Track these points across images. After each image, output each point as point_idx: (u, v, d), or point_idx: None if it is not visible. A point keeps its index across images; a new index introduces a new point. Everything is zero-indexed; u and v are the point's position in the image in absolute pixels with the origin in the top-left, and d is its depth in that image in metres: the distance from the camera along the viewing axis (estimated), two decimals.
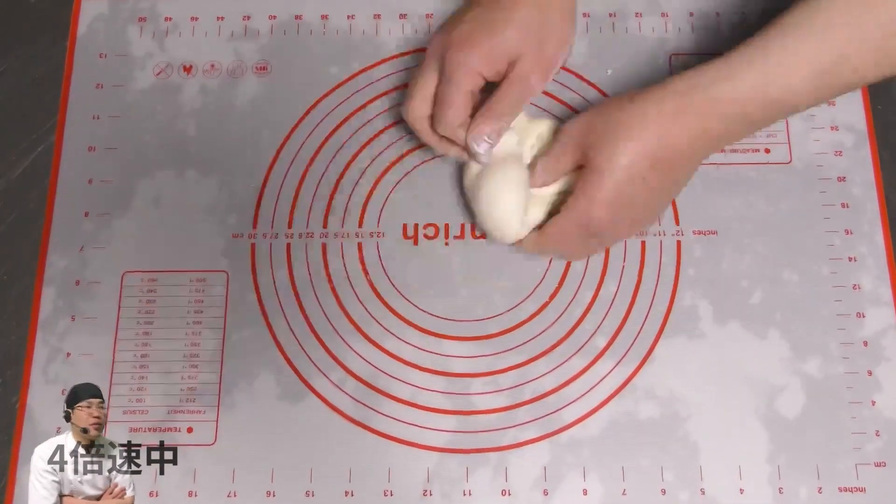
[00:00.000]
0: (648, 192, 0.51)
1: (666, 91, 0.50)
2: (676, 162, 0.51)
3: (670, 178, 0.52)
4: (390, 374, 0.57)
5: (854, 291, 0.58)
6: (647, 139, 0.49)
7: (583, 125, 0.53)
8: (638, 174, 0.50)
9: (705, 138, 0.50)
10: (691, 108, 0.49)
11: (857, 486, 0.54)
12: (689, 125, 0.49)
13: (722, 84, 0.49)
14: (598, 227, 0.51)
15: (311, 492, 0.54)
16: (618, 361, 0.57)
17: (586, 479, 0.55)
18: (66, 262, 0.59)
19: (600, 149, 0.50)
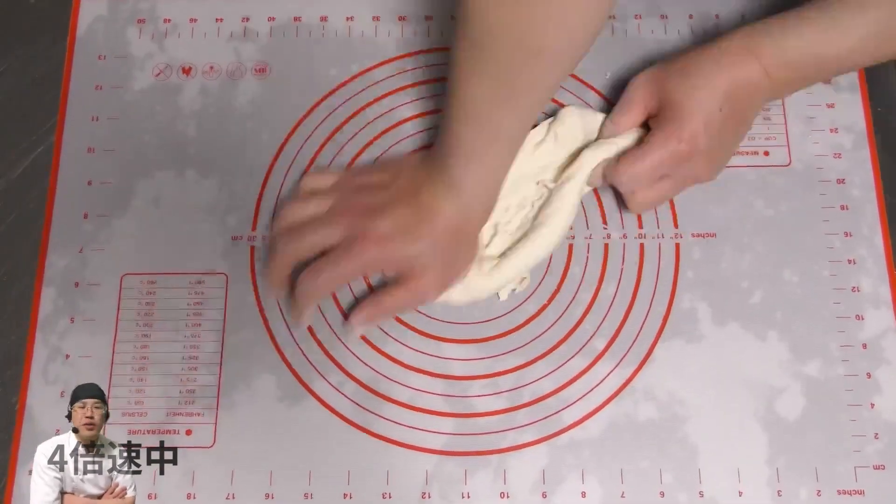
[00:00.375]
0: (723, 125, 0.54)
1: (734, 39, 0.55)
2: (743, 100, 0.55)
3: (740, 114, 0.56)
4: (389, 376, 0.57)
5: (853, 293, 0.58)
6: (720, 77, 0.54)
7: (655, 74, 0.57)
8: (716, 106, 0.54)
9: (767, 83, 0.55)
10: (758, 55, 0.54)
11: (856, 488, 0.54)
12: (756, 69, 0.54)
13: (788, 37, 0.54)
14: (687, 152, 0.54)
15: (310, 494, 0.54)
16: (617, 363, 0.57)
17: (585, 481, 0.55)
18: (65, 263, 0.59)
19: (678, 92, 0.55)
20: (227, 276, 0.59)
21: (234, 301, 0.58)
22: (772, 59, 0.54)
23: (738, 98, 0.55)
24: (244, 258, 0.59)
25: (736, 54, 0.55)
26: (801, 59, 0.55)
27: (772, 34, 0.55)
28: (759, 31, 0.55)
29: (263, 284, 0.59)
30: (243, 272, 0.59)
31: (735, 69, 0.54)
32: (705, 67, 0.55)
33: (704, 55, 0.56)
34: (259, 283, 0.59)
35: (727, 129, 0.55)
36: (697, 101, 0.54)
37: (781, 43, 0.55)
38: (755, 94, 0.55)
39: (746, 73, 0.55)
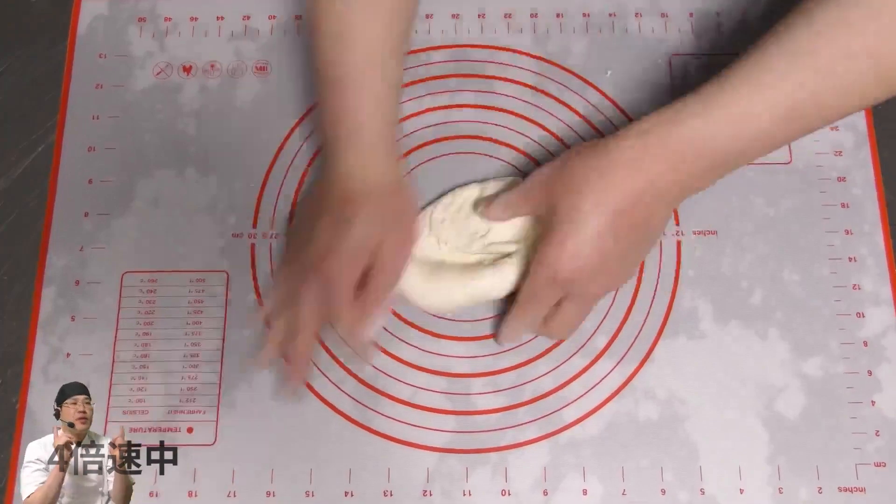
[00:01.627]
0: (614, 242, 0.49)
1: (630, 133, 0.49)
2: (641, 210, 0.49)
3: (636, 229, 0.50)
4: (390, 374, 0.57)
5: (854, 291, 0.58)
6: (609, 188, 0.49)
7: (546, 178, 0.52)
8: (602, 223, 0.49)
9: (672, 180, 0.49)
10: (657, 147, 0.48)
11: (857, 486, 0.54)
12: (654, 167, 0.48)
13: (691, 121, 0.48)
14: (565, 277, 0.50)
15: (311, 492, 0.54)
16: (618, 361, 0.57)
17: (586, 479, 0.55)
18: (65, 262, 0.59)
19: (563, 205, 0.50)
20: (227, 274, 0.59)
21: (235, 299, 0.58)
22: (676, 154, 0.48)
23: (634, 211, 0.49)
24: (244, 256, 0.59)
25: (632, 157, 0.49)
26: (710, 148, 0.48)
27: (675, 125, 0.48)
28: (660, 123, 0.49)
29: (263, 282, 0.59)
30: (244, 270, 0.59)
31: (630, 176, 0.48)
32: (598, 178, 0.49)
33: (599, 161, 0.49)
34: (259, 279, 0.59)
35: (621, 247, 0.50)
36: (583, 220, 0.49)
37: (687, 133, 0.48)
38: (655, 202, 0.49)
39: (645, 179, 0.48)
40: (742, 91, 0.47)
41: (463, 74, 0.64)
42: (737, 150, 0.48)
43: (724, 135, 0.47)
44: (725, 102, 0.47)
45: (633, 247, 0.52)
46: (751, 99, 0.47)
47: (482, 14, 0.66)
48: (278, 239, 0.60)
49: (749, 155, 0.49)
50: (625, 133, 0.50)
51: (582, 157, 0.50)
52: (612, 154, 0.49)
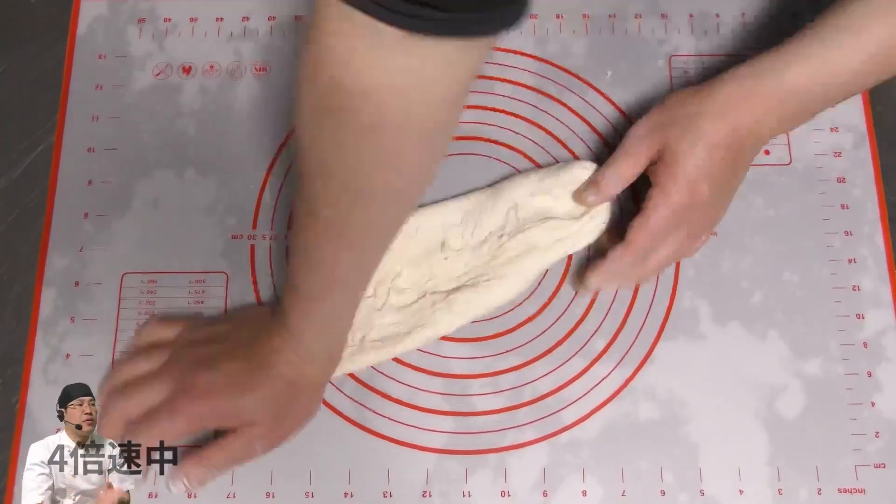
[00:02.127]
0: (724, 174, 0.54)
1: (735, 77, 0.54)
2: (745, 145, 0.54)
3: (739, 162, 0.55)
4: (389, 375, 0.57)
5: (854, 292, 0.58)
6: (721, 122, 0.53)
7: (655, 122, 0.55)
8: (715, 159, 0.53)
9: (769, 121, 0.54)
10: (761, 93, 0.53)
11: (856, 487, 0.54)
12: (758, 108, 0.53)
13: (791, 69, 0.52)
14: (685, 210, 0.53)
15: (311, 493, 0.54)
16: (617, 363, 0.57)
17: (586, 481, 0.55)
18: (65, 263, 0.59)
19: (676, 141, 0.53)
20: (226, 275, 0.59)
21: (235, 300, 0.58)
22: (776, 98, 0.53)
23: (739, 147, 0.54)
24: (244, 257, 0.59)
25: (738, 100, 0.53)
26: (806, 91, 0.53)
27: (774, 71, 0.53)
28: (761, 71, 0.53)
29: (263, 284, 0.58)
30: (243, 271, 0.59)
31: (737, 118, 0.53)
32: (707, 117, 0.53)
33: (705, 102, 0.54)
34: (259, 281, 0.59)
35: (726, 178, 0.54)
36: (697, 156, 0.53)
37: (784, 79, 0.53)
38: (757, 140, 0.55)
39: (749, 121, 0.53)
40: (832, 41, 0.52)
41: None
42: (831, 94, 0.54)
43: (820, 80, 0.53)
44: (819, 52, 0.52)
45: (732, 181, 0.56)
46: (841, 48, 0.52)
47: None
48: (278, 240, 0.60)
49: (836, 98, 0.55)
50: (728, 77, 0.54)
51: (685, 103, 0.54)
52: (716, 96, 0.54)
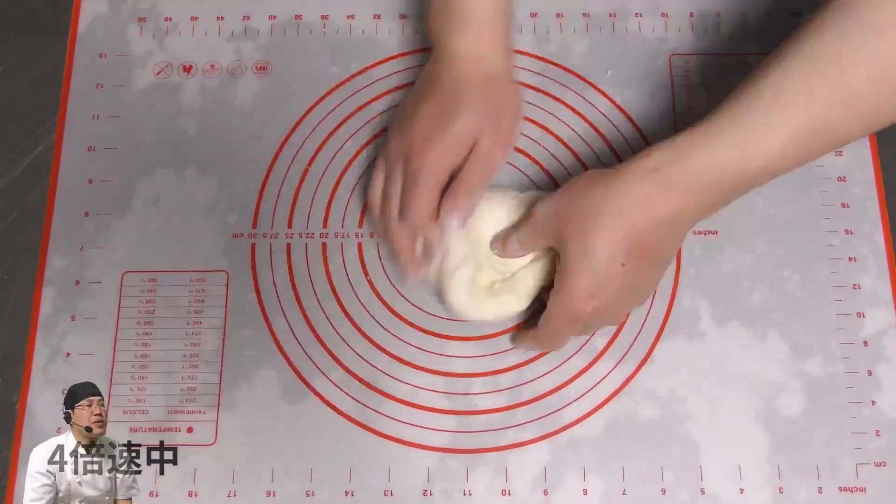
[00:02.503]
0: (629, 277, 0.49)
1: (638, 170, 0.48)
2: (653, 244, 0.49)
3: (650, 261, 0.50)
4: (390, 374, 0.57)
5: (854, 291, 0.58)
6: (619, 227, 0.48)
7: (555, 211, 0.51)
8: (615, 263, 0.49)
9: (682, 213, 0.49)
10: (666, 184, 0.48)
11: (857, 485, 0.54)
12: (664, 204, 0.48)
13: (698, 154, 0.47)
14: (584, 318, 0.50)
15: (312, 492, 0.54)
16: (618, 361, 0.57)
17: (586, 479, 0.55)
18: (66, 262, 0.59)
19: (573, 241, 0.49)
20: (227, 274, 0.59)
21: (235, 298, 0.58)
22: (687, 190, 0.48)
23: (647, 245, 0.49)
24: (245, 256, 0.59)
25: (643, 197, 0.48)
26: (720, 180, 0.48)
27: (682, 160, 0.47)
28: (668, 160, 0.48)
29: (263, 282, 0.58)
30: (244, 270, 0.59)
31: (642, 216, 0.48)
32: (608, 218, 0.48)
33: (607, 200, 0.49)
34: (259, 280, 0.59)
35: (636, 279, 0.50)
36: (595, 259, 0.48)
37: (695, 168, 0.47)
38: (669, 234, 0.50)
39: (657, 217, 0.48)
40: (746, 121, 0.46)
41: None
42: (746, 180, 0.48)
43: (732, 166, 0.47)
44: (730, 134, 0.47)
45: (647, 277, 0.52)
46: (755, 130, 0.46)
47: None
48: (278, 238, 0.60)
49: (758, 181, 0.48)
50: (631, 169, 0.49)
51: (588, 196, 0.50)
52: (619, 193, 0.48)
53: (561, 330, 0.52)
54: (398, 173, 0.55)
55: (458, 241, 0.55)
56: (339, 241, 0.60)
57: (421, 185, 0.53)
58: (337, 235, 0.60)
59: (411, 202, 0.54)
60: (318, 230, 0.60)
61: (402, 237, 0.55)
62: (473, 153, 0.54)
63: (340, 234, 0.60)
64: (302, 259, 0.59)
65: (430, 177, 0.54)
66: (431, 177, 0.54)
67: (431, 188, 0.54)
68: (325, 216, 0.60)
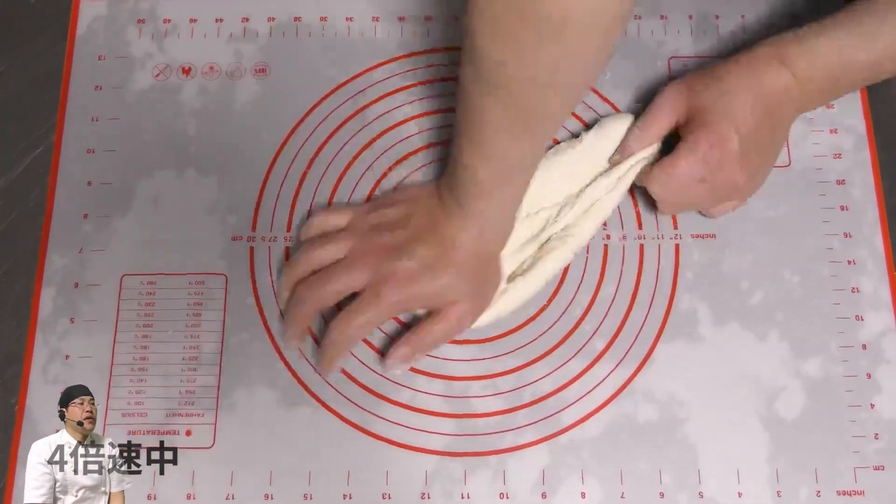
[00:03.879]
0: (756, 126, 0.54)
1: (762, 46, 0.56)
2: (775, 106, 0.55)
3: (772, 121, 0.55)
4: (388, 377, 0.57)
5: (853, 294, 0.58)
6: (750, 82, 0.54)
7: (684, 82, 0.57)
8: (746, 107, 0.54)
9: (798, 89, 0.55)
10: (787, 59, 0.54)
11: (855, 489, 0.54)
12: (785, 75, 0.54)
13: (817, 41, 0.54)
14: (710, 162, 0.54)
15: (310, 494, 0.54)
16: (617, 364, 0.57)
17: (585, 482, 0.55)
18: (65, 264, 0.59)
19: (706, 100, 0.55)
20: (226, 277, 0.59)
21: (234, 301, 0.58)
22: (802, 66, 0.54)
23: (768, 104, 0.54)
24: (244, 258, 0.59)
25: (765, 62, 0.55)
26: (831, 65, 0.54)
27: (800, 40, 0.55)
28: (788, 39, 0.55)
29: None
30: (243, 273, 0.59)
31: (765, 76, 0.54)
32: (734, 74, 0.55)
33: (733, 63, 0.56)
34: (258, 283, 0.59)
35: (761, 135, 0.55)
36: (727, 104, 0.54)
37: (811, 49, 0.54)
38: (786, 103, 0.55)
39: (776, 81, 0.54)
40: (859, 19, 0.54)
41: None
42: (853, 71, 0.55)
43: (842, 56, 0.54)
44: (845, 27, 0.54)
45: (768, 141, 0.56)
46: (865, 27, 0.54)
47: None
48: (277, 242, 0.60)
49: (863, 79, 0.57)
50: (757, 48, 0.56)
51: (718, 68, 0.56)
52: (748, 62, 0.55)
53: (695, 164, 0.54)
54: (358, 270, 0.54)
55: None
56: None
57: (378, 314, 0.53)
58: None
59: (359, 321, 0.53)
60: None
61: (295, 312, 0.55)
62: (443, 313, 0.54)
63: None
64: None
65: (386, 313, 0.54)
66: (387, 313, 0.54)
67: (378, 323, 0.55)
68: None
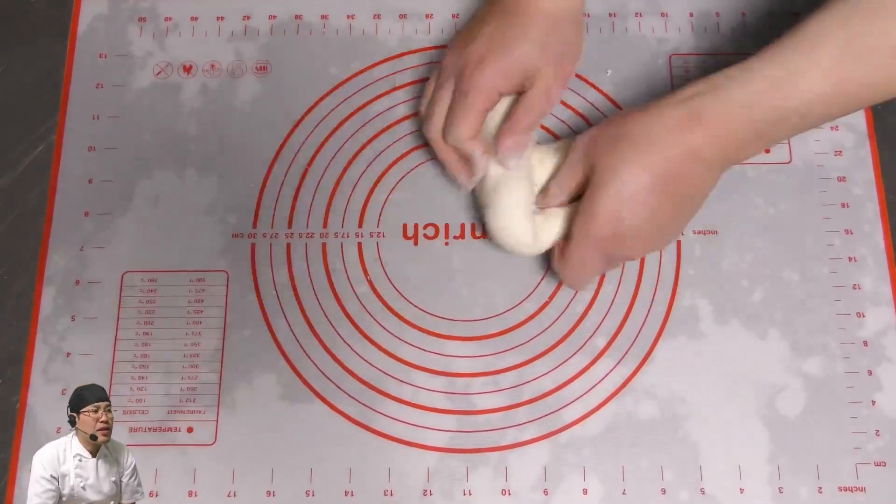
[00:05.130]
0: (653, 208, 0.49)
1: (672, 100, 0.49)
2: (682, 178, 0.49)
3: (677, 197, 0.50)
4: (390, 373, 0.57)
5: (854, 291, 0.58)
6: (649, 153, 0.49)
7: (589, 139, 0.52)
8: (641, 188, 0.49)
9: (712, 147, 0.48)
10: (698, 113, 0.48)
11: (857, 485, 0.54)
12: (693, 133, 0.48)
13: (731, 87, 0.48)
14: (605, 244, 0.51)
15: (311, 491, 0.54)
16: (618, 361, 0.57)
17: (586, 479, 0.55)
18: (66, 262, 0.59)
19: (603, 164, 0.50)
20: (227, 274, 0.59)
21: (235, 298, 0.58)
22: (719, 123, 0.48)
23: (675, 176, 0.49)
24: (245, 256, 0.59)
25: (674, 124, 0.48)
26: (752, 118, 0.48)
27: (718, 93, 0.48)
28: (703, 92, 0.48)
29: (263, 282, 0.58)
30: (244, 270, 0.59)
31: (672, 143, 0.48)
32: (639, 141, 0.49)
33: (640, 125, 0.50)
34: (259, 280, 0.59)
35: (662, 211, 0.50)
36: (621, 181, 0.49)
37: (727, 101, 0.48)
38: (698, 169, 0.49)
39: (686, 147, 0.48)
40: (781, 60, 0.47)
41: None
42: (779, 119, 0.48)
43: (764, 103, 0.47)
44: (764, 70, 0.47)
45: (672, 214, 0.51)
46: (789, 69, 0.47)
47: None
48: (278, 238, 0.60)
49: (791, 124, 0.49)
50: (666, 100, 0.50)
51: (623, 123, 0.50)
52: (653, 120, 0.49)
53: (584, 257, 0.52)
54: (447, 89, 0.56)
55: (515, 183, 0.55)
56: (339, 241, 0.60)
57: (467, 105, 0.54)
58: (337, 235, 0.60)
59: (455, 121, 0.55)
60: (318, 230, 0.60)
61: (446, 151, 0.57)
62: (532, 89, 0.54)
63: (340, 233, 0.60)
64: (302, 259, 0.59)
65: (477, 98, 0.54)
66: (479, 98, 0.54)
67: (478, 109, 0.55)
68: (325, 216, 0.60)
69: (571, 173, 0.53)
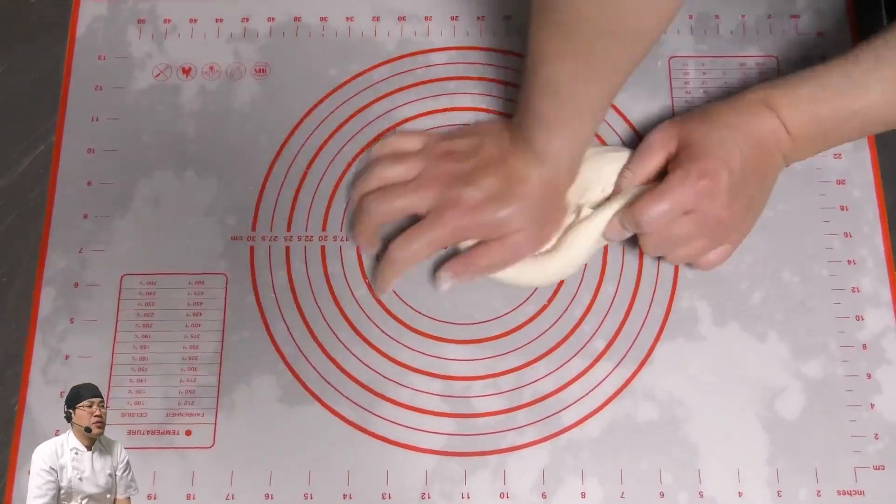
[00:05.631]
0: (744, 165, 0.53)
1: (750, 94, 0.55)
2: (765, 151, 0.54)
3: (761, 164, 0.54)
4: (389, 376, 0.57)
5: (853, 294, 0.58)
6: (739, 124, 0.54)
7: (674, 121, 0.56)
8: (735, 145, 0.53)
9: (787, 136, 0.54)
10: (775, 107, 0.54)
11: (855, 489, 0.54)
12: (774, 121, 0.54)
13: (800, 84, 0.54)
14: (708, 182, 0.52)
15: (310, 494, 0.54)
16: (617, 363, 0.57)
17: (585, 482, 0.55)
18: (65, 263, 0.59)
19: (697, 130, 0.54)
20: (226, 276, 0.59)
21: (234, 301, 0.58)
22: (789, 113, 0.53)
23: (758, 147, 0.54)
24: (244, 258, 0.59)
25: (754, 107, 0.54)
26: (818, 113, 0.53)
27: (788, 88, 0.54)
28: (776, 85, 0.55)
29: (262, 285, 0.58)
30: (243, 272, 0.59)
31: (754, 120, 0.54)
32: (724, 115, 0.54)
33: (723, 106, 0.55)
34: (258, 282, 0.59)
35: (748, 177, 0.53)
36: (718, 141, 0.53)
37: (797, 96, 0.54)
38: (775, 149, 0.54)
39: (765, 126, 0.54)
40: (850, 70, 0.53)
41: (462, 77, 0.64)
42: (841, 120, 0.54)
43: (829, 102, 0.53)
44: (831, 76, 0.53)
45: (755, 184, 0.55)
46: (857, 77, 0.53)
47: (481, 17, 0.65)
48: (277, 241, 0.60)
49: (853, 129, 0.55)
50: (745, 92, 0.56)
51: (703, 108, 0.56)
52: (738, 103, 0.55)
53: (683, 197, 0.52)
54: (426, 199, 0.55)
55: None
56: (337, 244, 0.60)
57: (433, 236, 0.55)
58: (336, 238, 0.60)
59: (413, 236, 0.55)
60: (316, 233, 0.60)
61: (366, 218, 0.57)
62: (505, 239, 0.55)
63: (339, 236, 0.60)
64: (301, 262, 0.59)
65: (443, 236, 0.55)
66: (444, 236, 0.55)
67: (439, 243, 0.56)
68: (324, 219, 0.60)
69: (650, 157, 0.56)
